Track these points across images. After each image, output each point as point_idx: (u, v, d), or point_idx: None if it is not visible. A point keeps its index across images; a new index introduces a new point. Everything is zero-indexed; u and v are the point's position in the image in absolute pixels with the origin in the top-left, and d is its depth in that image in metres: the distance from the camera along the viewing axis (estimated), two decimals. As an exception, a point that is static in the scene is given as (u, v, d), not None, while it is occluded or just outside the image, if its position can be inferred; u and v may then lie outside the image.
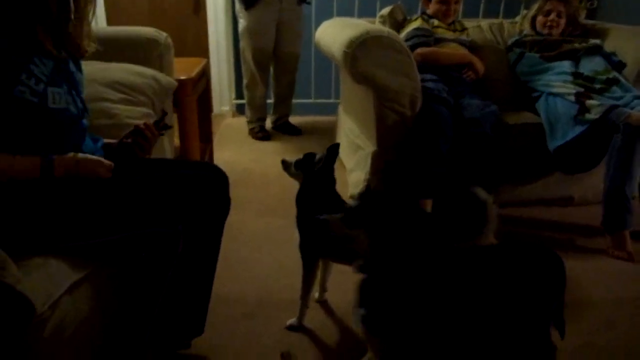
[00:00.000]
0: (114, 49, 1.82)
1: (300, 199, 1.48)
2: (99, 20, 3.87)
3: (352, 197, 2.25)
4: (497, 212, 1.39)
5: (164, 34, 2.00)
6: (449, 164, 1.97)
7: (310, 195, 1.46)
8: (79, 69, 1.26)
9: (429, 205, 1.99)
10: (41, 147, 1.07)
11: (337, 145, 1.46)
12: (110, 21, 3.90)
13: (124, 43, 1.92)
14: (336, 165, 1.48)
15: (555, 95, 2.13)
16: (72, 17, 1.14)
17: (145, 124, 1.30)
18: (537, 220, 2.24)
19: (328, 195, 1.46)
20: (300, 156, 1.48)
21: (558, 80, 2.17)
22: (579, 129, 1.99)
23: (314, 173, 1.45)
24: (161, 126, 1.35)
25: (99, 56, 1.71)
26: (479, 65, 2.34)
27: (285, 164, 1.51)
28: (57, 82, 1.11)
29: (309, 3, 3.39)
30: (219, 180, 1.37)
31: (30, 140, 1.07)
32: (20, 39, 1.04)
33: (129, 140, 1.30)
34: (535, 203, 2.31)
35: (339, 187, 1.49)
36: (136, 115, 1.65)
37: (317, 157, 1.45)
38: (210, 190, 1.28)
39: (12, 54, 1.02)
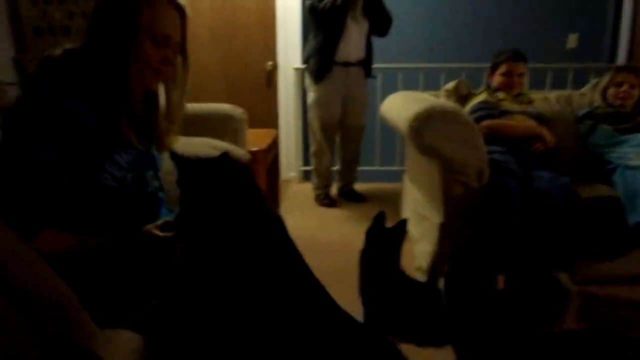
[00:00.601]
0: (196, 124, 1.99)
1: (365, 277, 1.47)
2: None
3: (419, 269, 2.22)
4: (578, 297, 1.34)
5: (240, 110, 2.15)
6: (521, 238, 1.92)
7: (374, 272, 1.46)
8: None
9: (500, 281, 1.93)
10: (118, 226, 1.15)
11: (383, 214, 1.47)
12: (190, 97, 4.22)
13: (204, 118, 2.09)
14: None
15: (633, 168, 2.05)
16: (159, 117, 1.22)
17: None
18: (621, 300, 2.09)
19: (392, 269, 1.46)
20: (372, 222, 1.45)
21: (635, 153, 2.10)
22: (660, 204, 1.89)
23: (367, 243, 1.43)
24: None
25: (182, 130, 1.88)
26: (548, 137, 2.31)
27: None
28: (137, 169, 1.18)
29: (375, 77, 3.54)
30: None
31: (108, 220, 1.14)
32: (106, 131, 1.09)
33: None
34: (617, 281, 2.17)
35: (405, 258, 1.48)
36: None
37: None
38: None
39: (100, 146, 1.08)
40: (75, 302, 0.76)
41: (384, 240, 1.46)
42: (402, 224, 1.48)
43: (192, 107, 2.46)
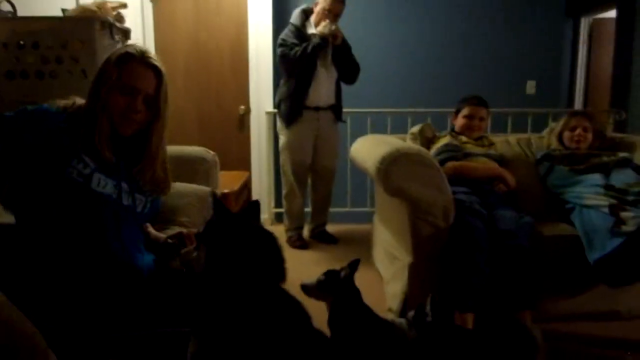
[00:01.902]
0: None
1: (333, 321, 1.48)
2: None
3: (390, 310, 2.24)
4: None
5: (212, 153, 2.18)
6: (487, 277, 1.96)
7: (344, 315, 1.47)
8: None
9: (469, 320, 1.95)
10: (82, 225, 1.24)
11: (358, 261, 1.50)
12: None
13: (177, 160, 2.09)
14: (373, 276, 1.51)
15: (589, 207, 2.14)
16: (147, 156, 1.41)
17: (188, 232, 1.46)
18: (585, 336, 2.14)
19: (360, 309, 1.48)
20: (322, 277, 1.48)
21: (590, 193, 2.20)
22: (617, 241, 1.96)
23: (342, 291, 1.45)
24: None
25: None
26: (509, 178, 2.41)
27: (306, 289, 1.46)
28: (106, 172, 1.32)
29: (345, 121, 3.64)
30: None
31: (73, 217, 1.25)
32: (79, 137, 1.29)
33: (174, 241, 1.46)
34: (580, 317, 2.22)
35: (377, 298, 1.51)
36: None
37: (342, 273, 1.47)
38: None
39: (68, 147, 1.27)
40: (42, 342, 0.76)
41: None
42: (355, 263, 1.51)
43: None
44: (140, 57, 1.35)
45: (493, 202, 2.25)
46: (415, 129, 2.72)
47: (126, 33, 2.68)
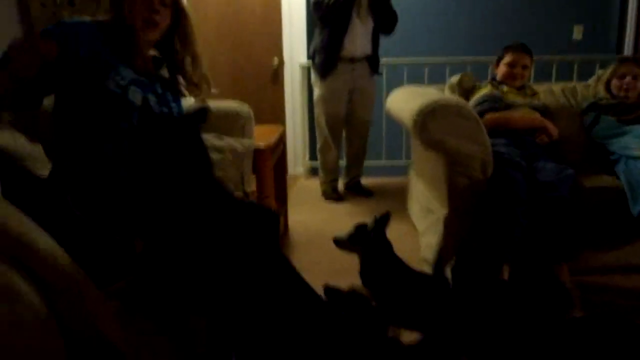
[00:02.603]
0: (203, 121, 2.04)
1: (364, 272, 1.50)
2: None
3: (424, 260, 2.25)
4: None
5: (247, 107, 2.18)
6: (526, 229, 1.94)
7: (373, 266, 1.49)
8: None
9: (505, 271, 1.95)
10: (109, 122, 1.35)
11: (388, 215, 1.50)
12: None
13: (212, 115, 2.12)
14: (408, 228, 1.52)
15: (636, 158, 2.07)
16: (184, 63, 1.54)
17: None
18: (625, 289, 2.11)
19: (391, 261, 1.49)
20: (352, 230, 1.50)
21: (638, 143, 2.11)
22: (663, 193, 1.91)
23: (371, 243, 1.47)
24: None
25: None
26: (552, 129, 2.33)
27: (338, 242, 1.51)
28: (142, 87, 1.41)
29: (381, 74, 3.56)
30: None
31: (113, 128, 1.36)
32: (113, 47, 1.39)
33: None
34: (620, 270, 2.18)
35: (411, 250, 1.52)
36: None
37: (369, 226, 1.47)
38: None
39: (106, 57, 1.36)
40: (93, 289, 0.81)
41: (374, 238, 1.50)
42: (385, 217, 1.51)
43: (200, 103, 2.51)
44: None
45: (534, 154, 2.20)
46: (454, 79, 2.65)
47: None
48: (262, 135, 2.44)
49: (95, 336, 0.79)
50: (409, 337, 1.54)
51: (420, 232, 2.50)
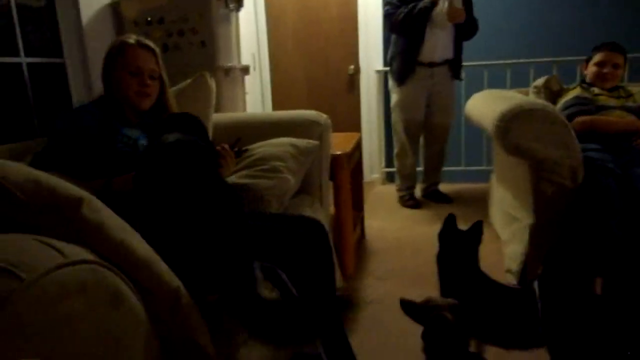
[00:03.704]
0: (282, 131, 2.09)
1: (444, 283, 1.47)
2: (266, 105, 4.41)
3: (509, 271, 2.16)
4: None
5: (324, 116, 2.21)
6: (620, 240, 1.81)
7: (454, 277, 1.45)
8: None
9: (598, 285, 1.83)
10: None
11: (480, 224, 1.46)
12: (275, 103, 4.41)
13: (291, 124, 2.17)
14: (490, 237, 1.47)
15: None
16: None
17: (221, 145, 1.64)
18: None
19: (472, 272, 1.45)
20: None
21: None
22: None
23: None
24: (237, 149, 1.76)
25: (269, 137, 1.99)
26: (651, 132, 2.16)
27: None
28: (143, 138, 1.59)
29: (462, 80, 3.47)
30: (315, 231, 1.59)
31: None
32: (112, 116, 1.58)
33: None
34: None
35: (494, 260, 1.47)
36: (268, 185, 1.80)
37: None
38: (303, 238, 1.50)
39: (108, 126, 1.54)
40: (186, 297, 0.85)
41: (459, 242, 1.46)
42: (478, 225, 1.46)
43: (278, 114, 2.58)
44: (136, 43, 1.62)
45: (630, 160, 2.05)
46: (540, 81, 2.53)
47: (240, 0, 2.77)
48: (339, 143, 2.46)
49: (188, 343, 0.84)
50: (492, 352, 1.49)
51: (503, 241, 2.40)
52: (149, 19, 2.50)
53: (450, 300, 1.21)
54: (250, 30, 4.17)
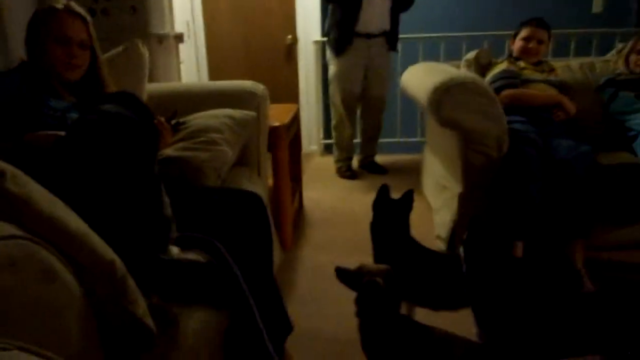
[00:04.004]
0: (218, 101, 2.05)
1: (377, 251, 1.56)
2: (201, 75, 4.28)
3: (439, 237, 2.28)
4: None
5: (261, 86, 2.19)
6: (540, 207, 1.95)
7: (387, 245, 1.53)
8: None
9: (519, 248, 1.97)
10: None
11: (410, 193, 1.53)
12: (211, 72, 4.29)
13: (227, 95, 2.14)
14: (422, 206, 1.54)
15: (654, 135, 2.05)
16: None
17: (157, 119, 1.59)
18: (638, 265, 2.11)
19: (404, 239, 1.52)
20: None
21: (656, 120, 2.09)
22: (682, 170, 1.89)
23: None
24: (174, 122, 1.74)
25: (205, 107, 1.95)
26: (569, 105, 2.30)
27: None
28: (76, 109, 1.49)
29: (397, 51, 3.52)
30: (254, 205, 1.61)
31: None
32: (36, 86, 1.46)
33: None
34: (636, 246, 2.18)
35: (425, 227, 1.54)
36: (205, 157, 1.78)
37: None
38: (242, 212, 1.51)
39: (32, 97, 1.42)
40: (121, 269, 0.84)
41: (392, 210, 1.52)
42: (409, 194, 1.53)
43: (214, 84, 2.53)
44: (65, 9, 1.50)
45: (551, 131, 2.19)
46: (470, 55, 2.62)
47: (172, -35, 2.65)
48: (277, 114, 2.46)
49: (126, 317, 0.83)
50: (422, 313, 1.58)
51: (434, 210, 2.52)
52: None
53: (383, 266, 1.26)
54: (183, -4, 4.01)
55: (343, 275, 1.24)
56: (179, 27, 3.45)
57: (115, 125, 1.10)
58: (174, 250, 1.22)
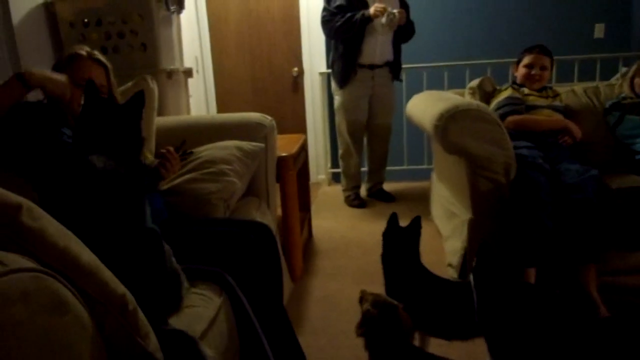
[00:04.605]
0: (227, 134, 2.08)
1: (389, 280, 1.54)
2: (210, 108, 4.36)
3: (450, 265, 2.26)
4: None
5: (269, 118, 2.22)
6: (551, 232, 1.93)
7: (399, 274, 1.52)
8: None
9: (531, 275, 1.95)
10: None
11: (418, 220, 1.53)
12: (219, 105, 4.37)
13: (235, 127, 2.17)
14: (431, 233, 1.53)
15: (662, 157, 2.04)
16: None
17: (166, 148, 1.61)
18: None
19: (415, 269, 1.51)
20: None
21: (663, 142, 2.09)
22: (691, 192, 1.88)
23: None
24: (182, 152, 1.72)
25: (214, 140, 1.98)
26: (575, 130, 2.31)
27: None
28: None
29: (401, 80, 3.58)
30: (264, 236, 1.61)
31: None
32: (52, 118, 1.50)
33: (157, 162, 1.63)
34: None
35: (436, 255, 1.53)
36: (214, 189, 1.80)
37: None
38: (252, 243, 1.50)
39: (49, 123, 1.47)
40: (132, 303, 0.84)
41: (401, 239, 1.52)
42: (416, 221, 1.53)
43: (222, 116, 2.57)
44: (87, 55, 1.59)
45: (558, 156, 2.19)
46: (474, 83, 2.65)
47: (180, 2, 2.73)
48: (284, 145, 2.48)
49: (136, 350, 0.83)
50: (435, 344, 1.55)
51: (444, 237, 2.50)
52: (86, 20, 2.42)
53: (382, 296, 1.26)
54: (192, 33, 4.12)
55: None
56: (188, 62, 3.54)
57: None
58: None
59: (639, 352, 1.15)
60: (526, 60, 2.51)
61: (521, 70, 2.52)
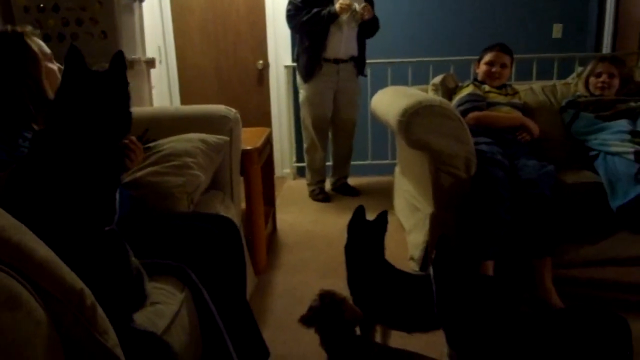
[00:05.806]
0: (190, 126, 2.04)
1: (351, 274, 1.55)
2: (173, 100, 4.28)
3: (412, 258, 2.30)
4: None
5: (234, 111, 2.20)
6: (508, 226, 1.99)
7: (360, 268, 1.53)
8: None
9: (489, 267, 2.00)
10: None
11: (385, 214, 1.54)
12: (183, 97, 4.29)
13: (199, 120, 2.13)
14: (394, 227, 1.54)
15: (614, 154, 2.13)
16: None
17: (129, 138, 1.53)
18: (605, 281, 2.17)
19: (377, 263, 1.53)
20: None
21: (615, 139, 2.18)
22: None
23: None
24: (144, 140, 1.70)
25: (177, 132, 1.94)
26: (533, 127, 2.39)
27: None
28: None
29: (366, 76, 3.60)
30: (228, 230, 1.60)
31: None
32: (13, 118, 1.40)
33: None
34: (601, 263, 2.24)
35: (398, 248, 1.54)
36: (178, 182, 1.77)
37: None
38: (216, 237, 1.49)
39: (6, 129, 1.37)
40: (90, 298, 0.82)
41: (366, 232, 1.53)
42: (383, 216, 1.54)
43: (186, 108, 2.52)
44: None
45: (516, 152, 2.26)
46: (437, 79, 2.69)
47: (142, -9, 2.66)
48: (249, 138, 2.46)
49: (95, 347, 0.81)
50: (396, 336, 1.58)
51: (407, 231, 2.54)
52: (42, 5, 2.33)
53: (334, 290, 1.28)
54: (155, 22, 4.02)
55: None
56: (151, 52, 3.45)
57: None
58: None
59: (591, 342, 1.20)
60: (487, 57, 2.57)
61: (482, 68, 2.58)
